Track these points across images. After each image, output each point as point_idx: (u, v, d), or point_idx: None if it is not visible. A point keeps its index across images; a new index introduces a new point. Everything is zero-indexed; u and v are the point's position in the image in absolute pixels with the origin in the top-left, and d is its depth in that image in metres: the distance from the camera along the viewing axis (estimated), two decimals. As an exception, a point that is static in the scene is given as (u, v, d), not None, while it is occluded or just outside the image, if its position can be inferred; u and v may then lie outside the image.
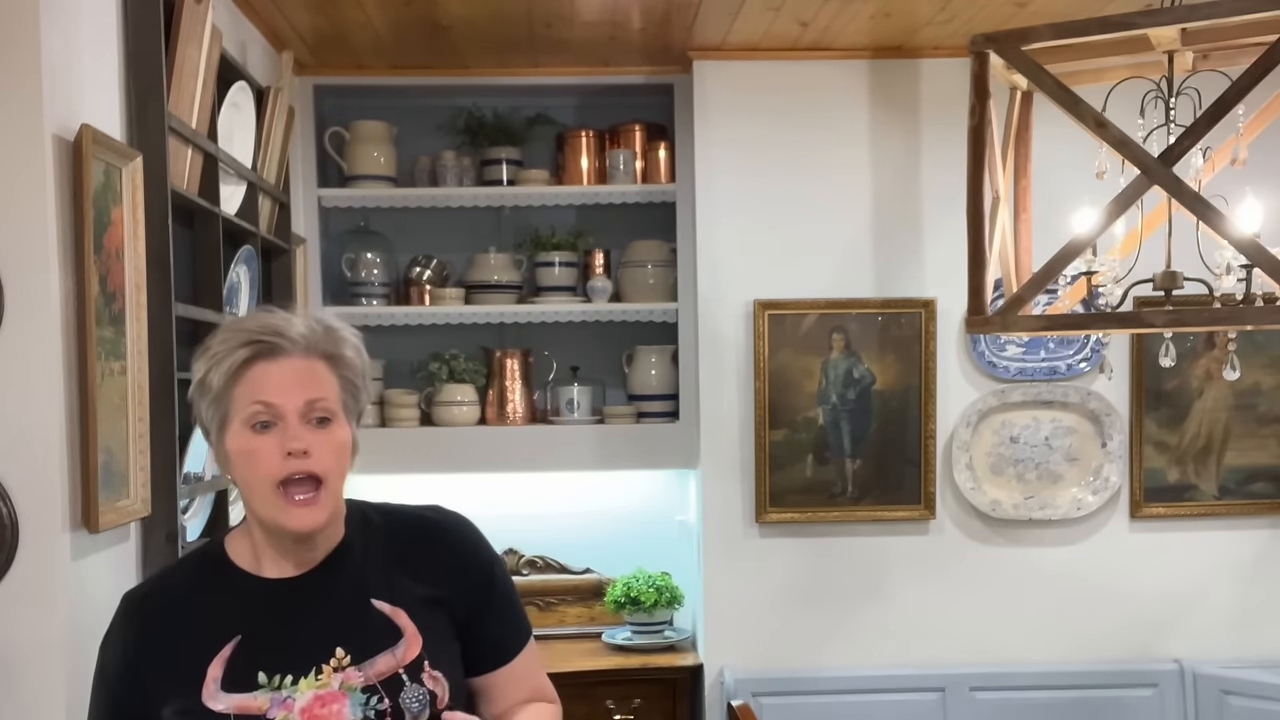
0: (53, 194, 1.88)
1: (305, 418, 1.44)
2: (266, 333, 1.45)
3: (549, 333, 3.76)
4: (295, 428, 1.43)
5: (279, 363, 1.44)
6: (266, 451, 1.42)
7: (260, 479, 1.42)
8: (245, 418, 1.43)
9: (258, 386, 1.43)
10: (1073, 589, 3.58)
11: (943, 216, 3.43)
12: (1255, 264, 2.12)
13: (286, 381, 1.44)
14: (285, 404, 1.43)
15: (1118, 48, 2.24)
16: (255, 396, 1.43)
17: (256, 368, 1.44)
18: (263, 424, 1.43)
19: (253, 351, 1.44)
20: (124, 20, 2.21)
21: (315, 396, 1.44)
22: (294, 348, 1.45)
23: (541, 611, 3.82)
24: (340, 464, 1.47)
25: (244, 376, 1.44)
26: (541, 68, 3.61)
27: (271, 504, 1.43)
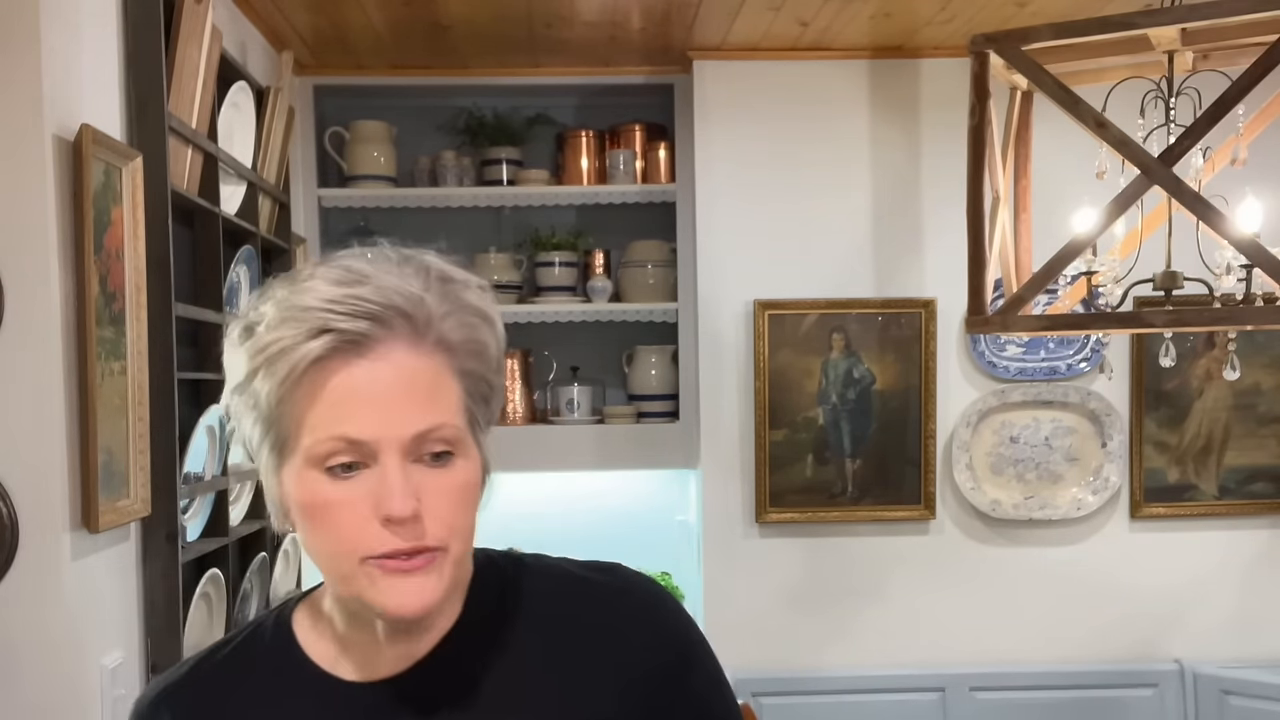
0: (53, 194, 1.87)
1: (414, 455, 0.91)
2: (354, 310, 0.89)
3: (549, 333, 3.76)
4: (397, 475, 0.90)
5: (371, 363, 0.90)
6: (351, 512, 0.90)
7: (341, 552, 0.92)
8: (316, 455, 0.90)
9: (338, 408, 0.89)
10: (1073, 589, 3.58)
11: (943, 216, 3.43)
12: (1255, 264, 2.13)
13: (385, 399, 0.90)
14: (383, 438, 0.89)
15: (1118, 48, 2.24)
16: (335, 428, 0.89)
17: (335, 375, 0.89)
18: (344, 466, 0.90)
19: (329, 345, 0.89)
20: (124, 20, 2.21)
21: (432, 424, 0.91)
22: (396, 333, 0.90)
23: (541, 611, 3.82)
24: (467, 519, 0.95)
25: (313, 387, 0.90)
26: (541, 68, 3.61)
27: (357, 579, 0.92)
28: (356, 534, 0.91)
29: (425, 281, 0.92)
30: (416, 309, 0.91)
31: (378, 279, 0.91)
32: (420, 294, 0.91)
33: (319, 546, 0.94)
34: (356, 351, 0.89)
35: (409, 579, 0.91)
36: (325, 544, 0.93)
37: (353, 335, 0.89)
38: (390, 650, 0.99)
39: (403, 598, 0.92)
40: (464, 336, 0.94)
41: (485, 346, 0.96)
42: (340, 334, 0.89)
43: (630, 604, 1.04)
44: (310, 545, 0.96)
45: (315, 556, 0.96)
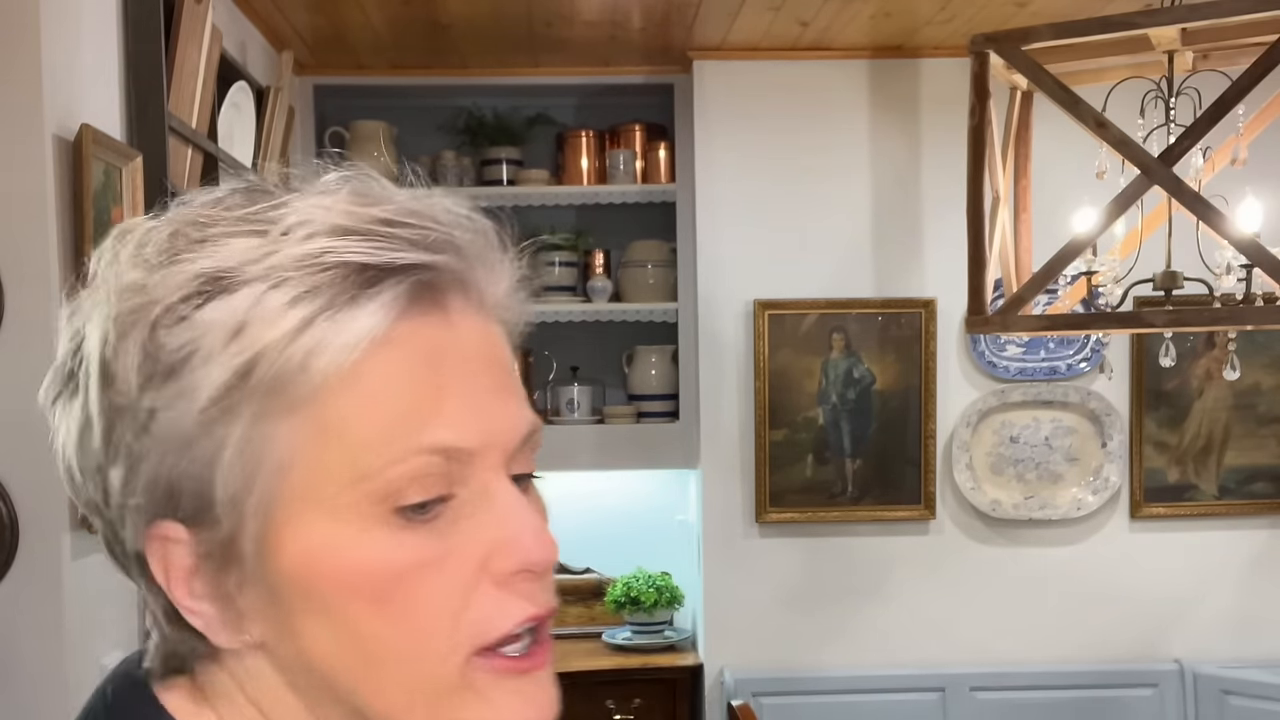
0: (53, 194, 1.87)
1: (513, 468, 0.58)
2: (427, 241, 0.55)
3: (549, 333, 3.76)
4: (518, 500, 0.57)
5: (457, 330, 0.56)
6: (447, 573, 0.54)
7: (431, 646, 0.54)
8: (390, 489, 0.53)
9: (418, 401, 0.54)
10: (1073, 589, 3.58)
11: (943, 216, 3.43)
12: (1255, 264, 2.13)
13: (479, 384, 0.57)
14: (488, 445, 0.56)
15: (1118, 48, 2.24)
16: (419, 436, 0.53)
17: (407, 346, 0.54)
18: (419, 505, 0.54)
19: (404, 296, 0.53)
20: (124, 20, 2.20)
21: (534, 423, 0.60)
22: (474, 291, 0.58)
23: (541, 611, 3.82)
24: None
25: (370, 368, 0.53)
26: (541, 67, 3.61)
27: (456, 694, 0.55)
28: (460, 610, 0.54)
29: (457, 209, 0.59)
30: (483, 249, 0.58)
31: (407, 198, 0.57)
32: (474, 223, 0.59)
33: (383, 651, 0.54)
34: (437, 307, 0.55)
35: (533, 678, 0.56)
36: (402, 643, 0.53)
37: (437, 275, 0.54)
38: None
39: (528, 710, 0.56)
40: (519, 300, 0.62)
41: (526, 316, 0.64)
42: (420, 273, 0.53)
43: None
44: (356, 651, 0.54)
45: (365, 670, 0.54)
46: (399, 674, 0.54)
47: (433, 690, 0.54)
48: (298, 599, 0.54)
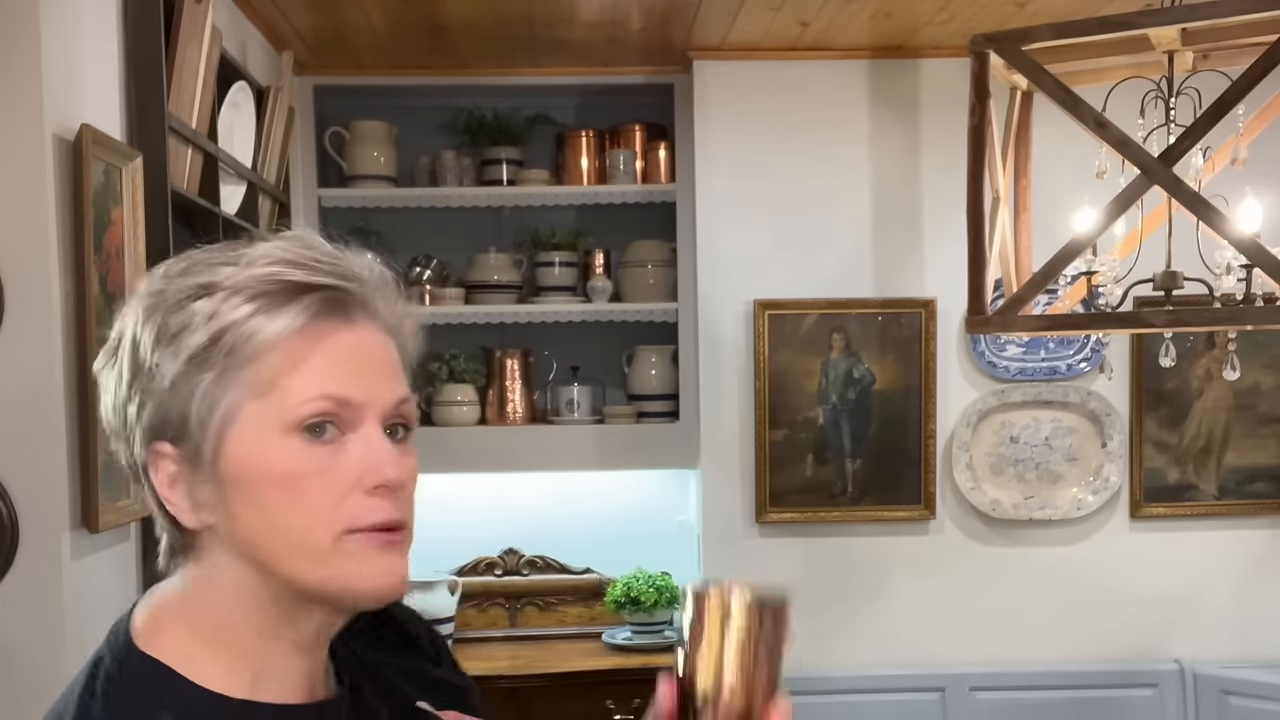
0: (53, 194, 1.88)
1: (384, 423, 0.87)
2: (340, 270, 0.87)
3: (549, 333, 3.76)
4: (385, 439, 0.86)
5: (355, 327, 0.87)
6: (331, 480, 0.83)
7: (319, 525, 0.83)
8: (298, 417, 0.83)
9: (328, 369, 0.84)
10: (1073, 589, 3.58)
11: (943, 216, 3.43)
12: (1255, 264, 2.13)
13: (369, 363, 0.87)
14: (370, 401, 0.86)
15: (1118, 48, 2.24)
16: (325, 387, 0.83)
17: (324, 335, 0.85)
18: (318, 429, 0.84)
19: (318, 303, 0.85)
20: (124, 20, 2.21)
21: (406, 393, 0.90)
22: (368, 305, 0.89)
23: (541, 611, 3.82)
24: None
25: (296, 347, 0.84)
26: (541, 68, 3.61)
27: (334, 557, 0.83)
28: (338, 503, 0.83)
29: (376, 267, 0.92)
30: (383, 287, 0.91)
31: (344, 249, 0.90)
32: (377, 270, 0.92)
33: (287, 522, 0.83)
34: (343, 316, 0.86)
35: (391, 553, 0.85)
36: (298, 518, 0.83)
37: (341, 294, 0.86)
38: (300, 664, 0.89)
39: (389, 573, 0.85)
40: (409, 326, 0.94)
41: (415, 341, 0.95)
42: (329, 292, 0.85)
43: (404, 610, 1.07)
44: (269, 524, 0.84)
45: (274, 537, 0.84)
46: (294, 540, 0.84)
47: (325, 553, 0.83)
48: (236, 489, 0.84)
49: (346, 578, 0.84)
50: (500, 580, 3.83)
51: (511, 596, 3.82)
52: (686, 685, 0.89)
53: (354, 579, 0.84)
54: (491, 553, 3.86)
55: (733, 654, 0.90)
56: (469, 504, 3.86)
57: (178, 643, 0.86)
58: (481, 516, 3.85)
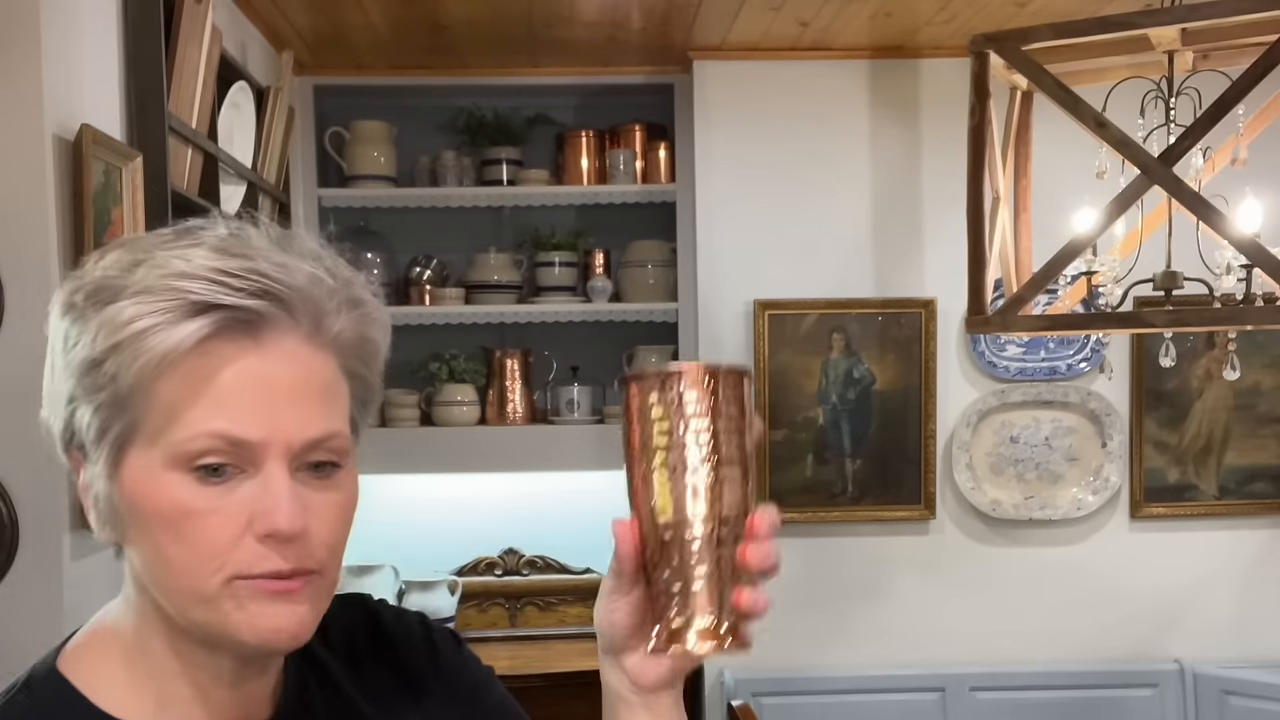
0: (53, 194, 1.87)
1: (298, 464, 0.78)
2: (251, 286, 0.76)
3: (549, 333, 3.76)
4: (285, 485, 0.77)
5: (264, 353, 0.77)
6: (221, 522, 0.76)
7: (206, 568, 0.77)
8: (184, 454, 0.76)
9: (221, 401, 0.75)
10: (1073, 589, 3.58)
11: (943, 216, 3.43)
12: (1255, 264, 2.13)
13: (277, 396, 0.77)
14: (271, 441, 0.76)
15: (1118, 48, 2.24)
16: (213, 423, 0.75)
17: (222, 362, 0.76)
18: (213, 469, 0.76)
19: (218, 324, 0.75)
20: (124, 20, 2.21)
21: (325, 432, 0.79)
22: (294, 320, 0.78)
23: (541, 611, 3.82)
24: (345, 541, 0.83)
25: (192, 374, 0.75)
26: (541, 68, 3.61)
27: (220, 602, 0.77)
28: (227, 549, 0.76)
29: (317, 265, 0.80)
30: (320, 296, 0.79)
31: (271, 254, 0.78)
32: (321, 276, 0.80)
33: (173, 561, 0.77)
34: (250, 336, 0.76)
35: (284, 603, 0.78)
36: (184, 558, 0.77)
37: (248, 316, 0.76)
38: (226, 697, 0.84)
39: (277, 623, 0.78)
40: (358, 335, 0.83)
41: (375, 346, 0.86)
42: (233, 312, 0.75)
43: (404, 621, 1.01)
44: (159, 560, 0.78)
45: (164, 574, 0.78)
46: (189, 581, 0.77)
47: (211, 596, 0.77)
48: (131, 517, 0.78)
49: (231, 625, 0.78)
50: (500, 580, 3.83)
51: (511, 596, 3.82)
52: (643, 520, 0.77)
53: (239, 628, 0.78)
54: (491, 553, 3.86)
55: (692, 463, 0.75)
56: (469, 504, 3.86)
57: (95, 663, 0.83)
58: (481, 516, 3.85)
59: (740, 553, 0.80)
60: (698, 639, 0.78)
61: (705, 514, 0.76)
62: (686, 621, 0.78)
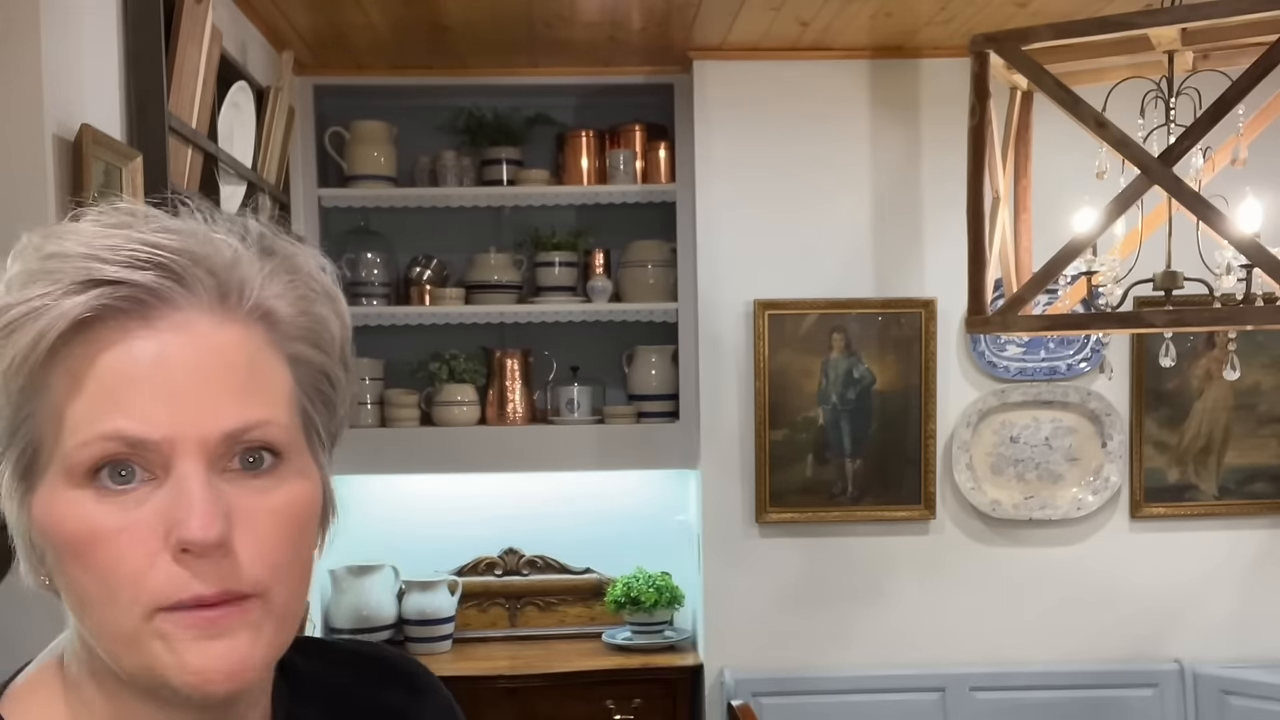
0: (53, 194, 1.87)
1: (223, 464, 0.66)
2: (135, 258, 0.64)
3: (549, 333, 3.76)
4: (198, 485, 0.64)
5: (159, 333, 0.65)
6: (132, 542, 0.64)
7: (121, 601, 0.65)
8: (78, 464, 0.64)
9: (111, 395, 0.64)
10: (1073, 589, 3.58)
11: (943, 216, 3.43)
12: (1255, 264, 2.13)
13: (179, 382, 0.65)
14: (178, 437, 0.64)
15: (1118, 48, 2.24)
16: (105, 423, 0.64)
17: (106, 348, 0.64)
18: (118, 473, 0.64)
19: (96, 303, 0.63)
20: (124, 20, 2.20)
21: (248, 420, 0.66)
22: (195, 295, 0.66)
23: (541, 611, 3.82)
24: (297, 557, 0.69)
25: (74, 366, 0.64)
26: (541, 68, 3.61)
27: (144, 642, 0.65)
28: (142, 573, 0.63)
29: (243, 233, 0.69)
30: (226, 262, 0.67)
31: (169, 221, 0.67)
32: (232, 243, 0.68)
33: (89, 597, 0.65)
34: (140, 316, 0.64)
35: (214, 637, 0.65)
36: (98, 592, 0.64)
37: (132, 291, 0.63)
38: None
39: (205, 663, 0.64)
40: (296, 309, 0.70)
41: (324, 324, 0.71)
42: (114, 287, 0.63)
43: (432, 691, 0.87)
44: (76, 599, 0.66)
45: (84, 614, 0.66)
46: (101, 618, 0.65)
47: (133, 635, 0.65)
48: (46, 549, 0.66)
49: (159, 669, 0.65)
50: (500, 580, 3.83)
51: (511, 596, 3.83)
52: None
53: (168, 671, 0.65)
54: (491, 553, 3.86)
55: None
56: (469, 504, 3.86)
57: (40, 706, 0.72)
58: (481, 516, 3.85)
59: None
60: None
61: None
62: None
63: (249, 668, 0.66)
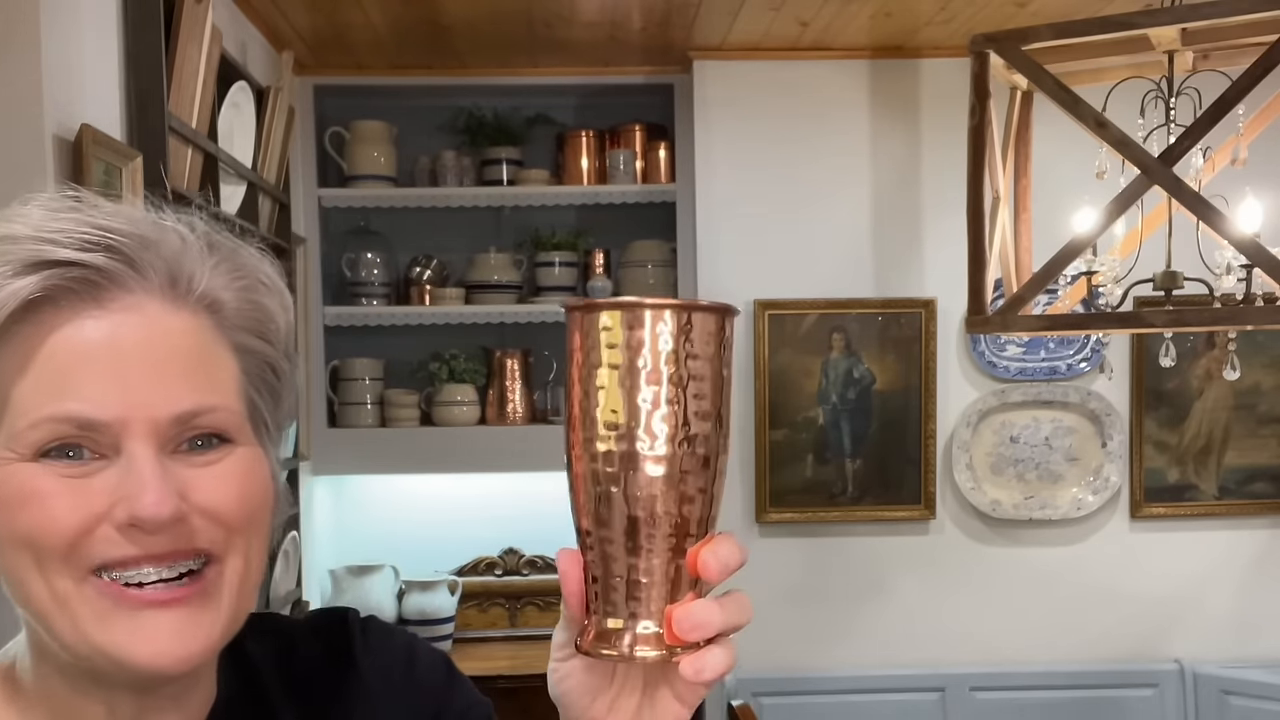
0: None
1: (173, 445, 0.67)
2: (86, 240, 0.65)
3: (549, 333, 3.76)
4: (150, 464, 0.65)
5: (110, 315, 0.66)
6: (73, 503, 0.64)
7: (52, 551, 0.64)
8: (29, 445, 0.64)
9: (61, 376, 0.64)
10: (1073, 589, 3.58)
11: (943, 216, 3.43)
12: (1255, 264, 2.13)
13: (131, 363, 0.65)
14: (130, 419, 0.65)
15: (1118, 48, 2.24)
16: (56, 404, 0.64)
17: (56, 329, 0.65)
18: (66, 454, 0.65)
19: (45, 284, 0.64)
20: (124, 20, 2.20)
21: (200, 404, 0.67)
22: (146, 279, 0.67)
23: (541, 611, 3.82)
24: (253, 522, 0.69)
25: (23, 347, 0.65)
26: (541, 68, 3.61)
27: (73, 605, 0.65)
28: (78, 532, 0.64)
29: (189, 225, 0.70)
30: (175, 250, 0.68)
31: (118, 207, 0.68)
32: (182, 231, 0.69)
33: (18, 555, 0.64)
34: (92, 298, 0.65)
35: (167, 611, 0.64)
36: (27, 548, 0.64)
37: (84, 273, 0.64)
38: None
39: (155, 642, 0.64)
40: (240, 299, 0.71)
41: (269, 316, 0.72)
42: (65, 269, 0.64)
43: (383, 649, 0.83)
44: (7, 563, 0.65)
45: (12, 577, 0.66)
46: (35, 576, 0.64)
47: (62, 597, 0.64)
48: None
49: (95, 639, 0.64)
50: (500, 580, 3.83)
51: (511, 596, 3.82)
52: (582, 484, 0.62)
53: (107, 642, 0.64)
54: (491, 553, 3.86)
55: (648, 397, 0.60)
56: (469, 504, 3.86)
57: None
58: (481, 516, 3.85)
59: (692, 555, 0.62)
60: (637, 644, 0.61)
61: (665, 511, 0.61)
62: (626, 621, 0.62)
63: (203, 646, 0.66)
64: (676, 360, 0.61)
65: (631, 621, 0.61)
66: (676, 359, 0.61)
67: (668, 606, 0.61)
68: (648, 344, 0.60)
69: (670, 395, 0.61)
